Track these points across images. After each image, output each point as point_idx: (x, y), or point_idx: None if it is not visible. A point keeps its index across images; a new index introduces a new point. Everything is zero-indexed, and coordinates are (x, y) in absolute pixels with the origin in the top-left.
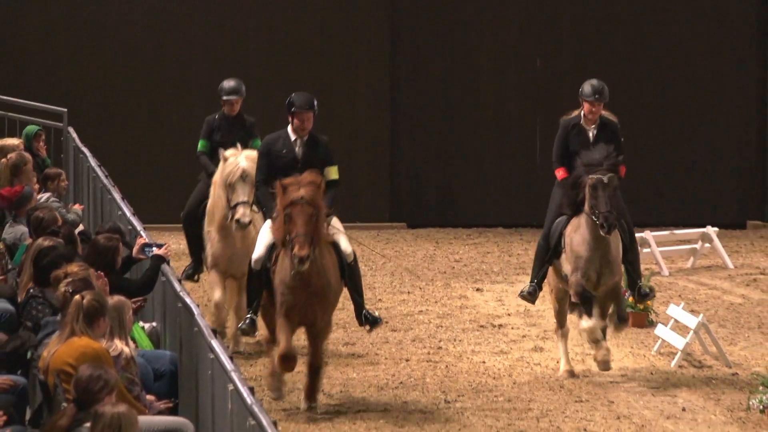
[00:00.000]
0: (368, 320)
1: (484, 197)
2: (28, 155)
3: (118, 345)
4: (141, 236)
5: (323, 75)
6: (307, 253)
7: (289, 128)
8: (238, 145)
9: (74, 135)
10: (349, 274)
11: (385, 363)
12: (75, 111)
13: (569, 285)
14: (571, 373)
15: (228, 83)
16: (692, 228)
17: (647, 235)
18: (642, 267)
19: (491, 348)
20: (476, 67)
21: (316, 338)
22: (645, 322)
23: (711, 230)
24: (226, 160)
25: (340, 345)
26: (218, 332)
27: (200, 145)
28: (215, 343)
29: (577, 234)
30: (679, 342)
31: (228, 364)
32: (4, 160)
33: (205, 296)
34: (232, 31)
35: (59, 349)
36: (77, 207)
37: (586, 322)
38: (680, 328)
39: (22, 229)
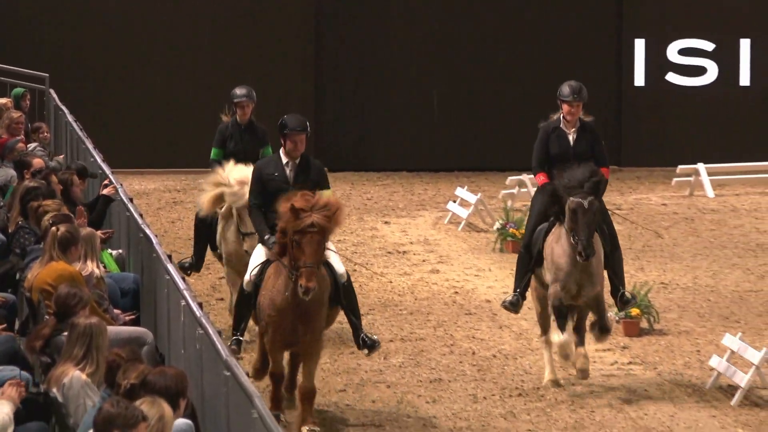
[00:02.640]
0: (366, 344)
1: (392, 145)
2: (19, 113)
3: (90, 267)
4: (107, 179)
5: (257, 41)
6: (314, 286)
7: (281, 151)
8: (243, 172)
9: (54, 96)
10: (345, 295)
11: None
12: (55, 75)
13: (548, 295)
14: (556, 383)
15: (239, 89)
16: None
17: (524, 177)
18: (518, 204)
19: (397, 270)
20: (387, 35)
21: (305, 359)
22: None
23: None
24: (231, 183)
25: None
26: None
27: (213, 153)
28: (170, 267)
29: (557, 245)
30: None
31: (180, 284)
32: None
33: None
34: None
35: (41, 272)
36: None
37: (558, 337)
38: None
39: (11, 172)
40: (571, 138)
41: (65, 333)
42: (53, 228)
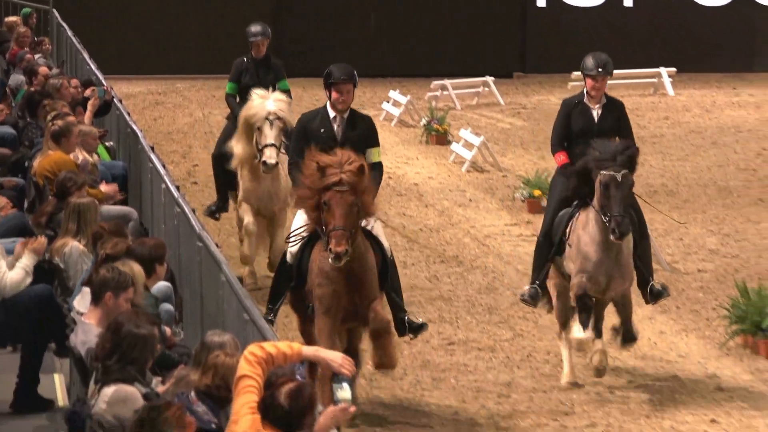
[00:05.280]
0: (411, 328)
1: (337, 55)
2: (26, 28)
3: (84, 156)
4: (104, 85)
5: None
6: (344, 249)
7: (328, 104)
8: (270, 89)
9: (57, 14)
10: (390, 271)
11: None
12: None
13: (571, 286)
14: (575, 384)
15: (254, 27)
16: (474, 77)
17: (446, 81)
18: (441, 104)
19: None
20: None
21: (373, 337)
22: (444, 141)
23: (489, 78)
24: (252, 100)
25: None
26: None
27: (228, 87)
28: (153, 156)
29: (585, 232)
30: (467, 155)
31: (162, 170)
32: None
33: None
34: None
35: (42, 161)
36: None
37: (579, 333)
38: (468, 145)
39: (21, 77)
40: (595, 114)
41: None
42: (50, 124)
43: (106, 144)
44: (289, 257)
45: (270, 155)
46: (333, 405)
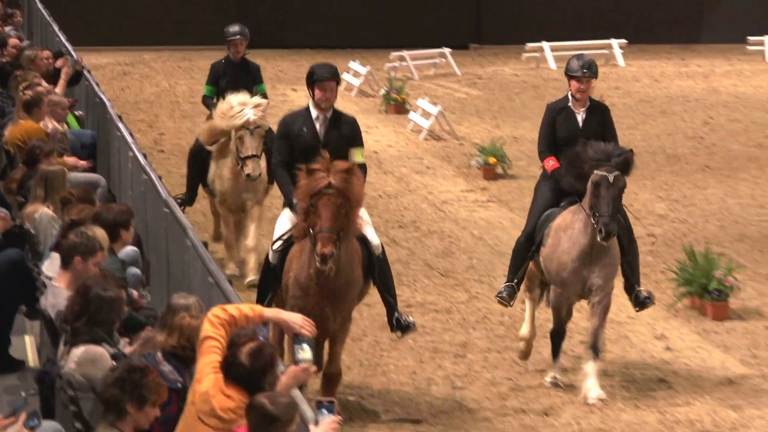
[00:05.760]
0: (400, 326)
1: (299, 28)
2: None
3: (54, 125)
4: (73, 56)
5: None
6: (330, 251)
7: (310, 104)
8: (247, 95)
9: None
10: (379, 270)
11: None
12: None
13: (549, 297)
14: (528, 344)
15: (232, 27)
16: (431, 49)
17: (404, 53)
18: (400, 75)
19: None
20: None
21: (332, 343)
22: (403, 110)
23: (446, 50)
24: (231, 105)
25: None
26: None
27: (206, 90)
28: (121, 125)
29: (566, 236)
30: (425, 123)
31: (129, 139)
32: None
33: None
34: None
35: (14, 129)
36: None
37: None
38: (426, 114)
39: None
40: (579, 118)
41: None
42: (21, 93)
43: (76, 113)
44: (271, 257)
45: (253, 168)
46: (294, 365)
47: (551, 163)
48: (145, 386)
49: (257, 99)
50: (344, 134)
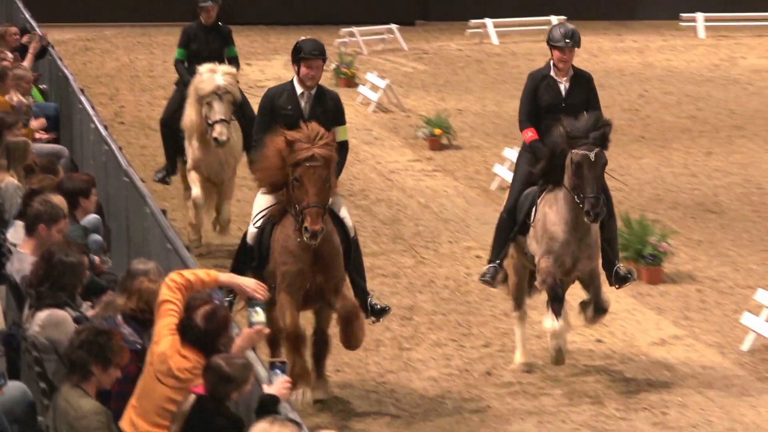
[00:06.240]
0: (374, 311)
1: (253, 5)
2: None
3: (19, 98)
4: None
5: None
6: (321, 227)
7: (295, 80)
8: (216, 64)
9: None
10: (353, 253)
11: None
12: None
13: (538, 270)
14: (528, 367)
15: None
16: (380, 25)
17: (354, 29)
18: (349, 50)
19: (255, 101)
20: None
21: (343, 322)
22: (352, 83)
23: (393, 26)
24: (201, 74)
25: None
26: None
27: (178, 53)
28: (83, 98)
29: (552, 211)
30: (373, 96)
31: (91, 111)
32: None
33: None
34: None
35: None
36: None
37: (552, 323)
38: (374, 88)
39: None
40: (563, 88)
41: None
42: None
43: (40, 87)
44: (249, 238)
45: (221, 132)
46: (248, 328)
47: (530, 134)
48: (109, 349)
49: (226, 66)
50: (328, 110)
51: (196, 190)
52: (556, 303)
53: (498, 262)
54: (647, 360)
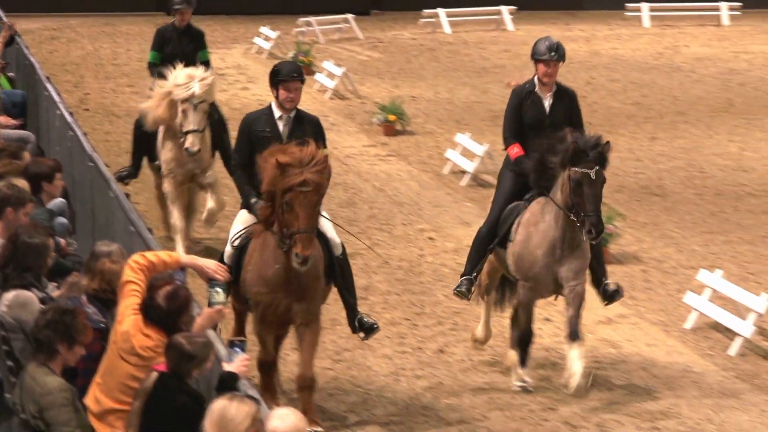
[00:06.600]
0: (363, 327)
1: None
2: None
3: None
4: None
5: None
6: (312, 253)
7: (273, 104)
8: (194, 68)
9: None
10: (339, 270)
11: None
12: None
13: (518, 295)
14: (481, 343)
15: None
16: (336, 14)
17: (311, 18)
18: (307, 39)
19: (216, 88)
20: None
21: (301, 345)
22: (310, 71)
23: (349, 16)
24: (177, 76)
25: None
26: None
27: (151, 56)
28: (49, 86)
29: (536, 230)
30: (330, 84)
31: (56, 98)
32: None
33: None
34: None
35: None
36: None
37: (513, 357)
38: (331, 75)
39: None
40: (546, 104)
41: None
42: None
43: (8, 74)
44: (226, 258)
45: (193, 142)
46: (209, 307)
47: (515, 150)
48: (74, 328)
49: (203, 73)
50: (308, 133)
51: (176, 217)
52: (523, 348)
53: (474, 275)
54: (594, 338)
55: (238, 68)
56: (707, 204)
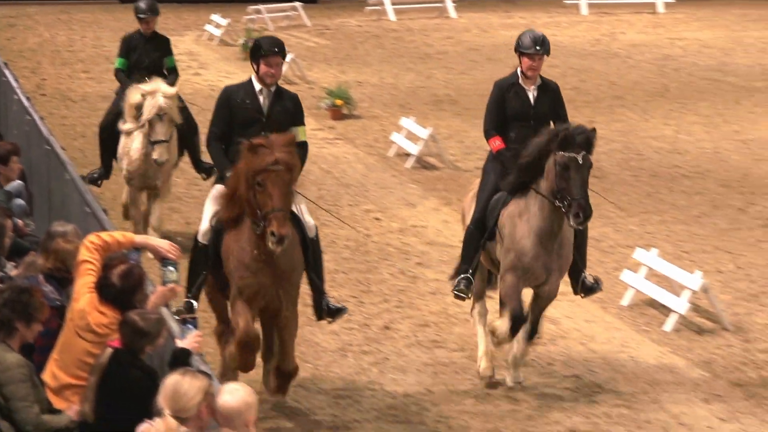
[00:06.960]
0: (330, 312)
1: None
2: None
3: None
4: None
5: None
6: (288, 232)
7: (254, 77)
8: (158, 81)
9: None
10: (312, 253)
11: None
12: None
13: (501, 282)
14: (491, 379)
15: (143, 3)
16: (284, 2)
17: (260, 6)
18: (257, 26)
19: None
20: None
21: (283, 334)
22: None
23: (297, 3)
24: (143, 94)
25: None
26: None
27: (118, 62)
28: (6, 71)
29: (522, 221)
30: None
31: (14, 83)
32: None
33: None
34: None
35: None
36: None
37: (502, 327)
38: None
39: None
40: (531, 96)
41: None
42: None
43: None
44: (200, 237)
45: (161, 153)
46: (162, 286)
47: (497, 143)
48: (32, 306)
49: (167, 87)
50: (288, 108)
51: (134, 211)
52: (515, 327)
53: (471, 273)
54: (546, 321)
55: (189, 54)
56: (643, 185)
